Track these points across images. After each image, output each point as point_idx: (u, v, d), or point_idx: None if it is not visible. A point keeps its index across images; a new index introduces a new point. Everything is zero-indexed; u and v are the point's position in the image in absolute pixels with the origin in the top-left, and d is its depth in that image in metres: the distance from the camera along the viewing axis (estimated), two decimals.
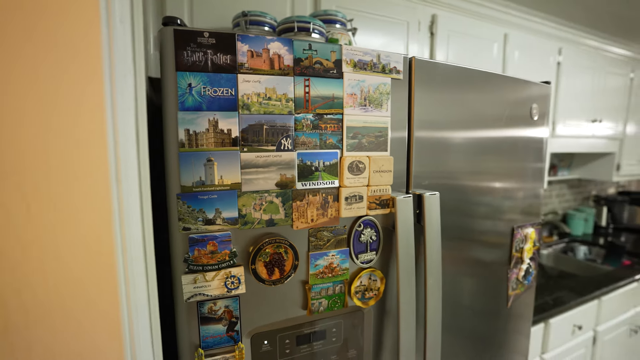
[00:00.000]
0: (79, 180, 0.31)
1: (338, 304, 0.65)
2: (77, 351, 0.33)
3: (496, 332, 0.97)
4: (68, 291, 0.32)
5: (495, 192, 0.88)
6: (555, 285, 1.77)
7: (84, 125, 0.31)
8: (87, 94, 0.30)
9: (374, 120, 0.64)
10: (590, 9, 1.97)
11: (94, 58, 0.30)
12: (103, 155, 0.32)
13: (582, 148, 2.15)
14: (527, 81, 0.90)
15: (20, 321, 0.31)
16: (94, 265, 0.33)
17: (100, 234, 0.33)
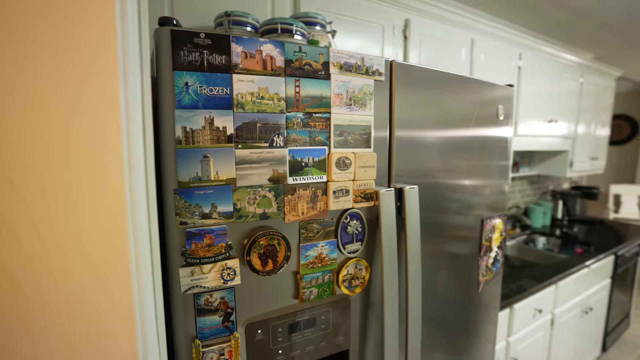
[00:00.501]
0: (95, 171, 0.33)
1: (327, 292, 0.69)
2: (93, 339, 0.34)
3: (468, 321, 1.05)
4: (85, 280, 0.33)
5: (466, 189, 0.96)
6: (518, 274, 1.90)
7: (101, 121, 0.32)
8: (105, 91, 0.32)
9: (358, 119, 0.68)
10: (546, 19, 2.13)
11: (112, 60, 0.32)
12: (118, 148, 0.33)
13: (541, 146, 2.32)
14: (494, 84, 0.98)
15: (38, 309, 0.32)
16: (108, 253, 0.34)
17: (115, 223, 0.34)
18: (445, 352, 0.99)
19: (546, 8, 1.96)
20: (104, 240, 0.34)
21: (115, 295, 0.35)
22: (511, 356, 1.74)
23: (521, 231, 2.75)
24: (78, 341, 0.34)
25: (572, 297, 2.13)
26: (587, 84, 2.54)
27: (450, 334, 0.99)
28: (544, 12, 2.02)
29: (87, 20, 0.30)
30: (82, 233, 0.33)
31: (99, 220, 0.33)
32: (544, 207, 2.88)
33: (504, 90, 1.01)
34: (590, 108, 2.64)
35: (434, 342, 0.94)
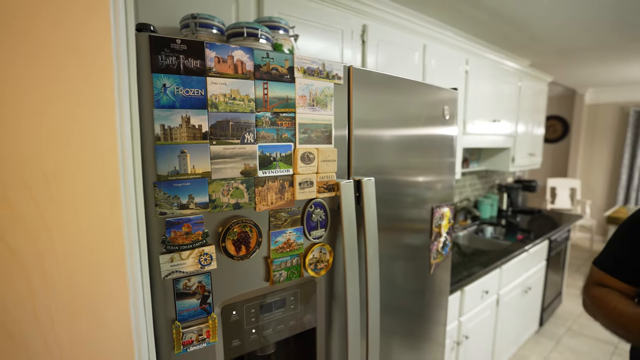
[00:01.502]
0: (94, 163, 0.37)
1: (295, 275, 0.76)
2: (93, 308, 0.39)
3: (423, 306, 1.17)
4: (85, 259, 0.38)
5: (418, 182, 1.07)
6: (470, 261, 2.08)
7: (99, 119, 0.37)
8: (102, 92, 0.37)
9: (320, 118, 0.76)
10: (488, 29, 2.35)
11: (108, 63, 0.37)
12: (113, 142, 0.38)
13: (487, 144, 2.54)
14: (440, 87, 1.10)
15: (41, 286, 0.36)
16: (105, 236, 0.39)
17: (111, 209, 0.39)
18: (403, 335, 1.10)
19: (487, 18, 2.17)
20: (101, 225, 0.39)
21: (111, 271, 0.40)
22: (463, 334, 1.91)
23: (472, 222, 2.99)
24: (79, 314, 0.39)
25: (514, 279, 2.36)
26: (524, 88, 2.82)
27: (406, 319, 1.11)
28: (485, 22, 2.23)
29: (86, 24, 0.35)
30: (81, 218, 0.37)
31: (97, 206, 0.38)
32: (491, 200, 3.15)
33: (449, 92, 1.14)
34: (527, 109, 2.93)
35: (390, 327, 1.04)
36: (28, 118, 0.34)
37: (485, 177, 3.31)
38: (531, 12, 2.04)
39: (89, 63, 0.36)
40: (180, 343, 0.64)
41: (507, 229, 2.88)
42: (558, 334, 2.87)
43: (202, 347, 0.66)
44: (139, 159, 0.46)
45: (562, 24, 2.24)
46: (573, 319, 3.09)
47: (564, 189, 4.76)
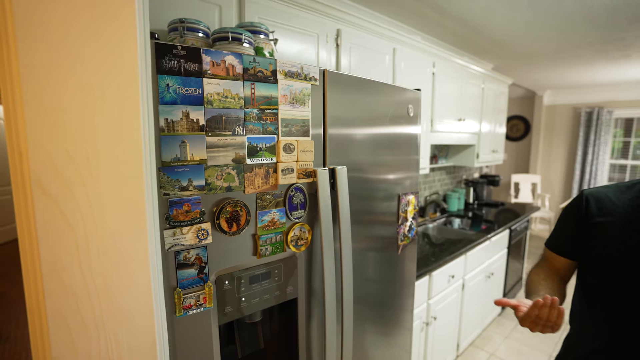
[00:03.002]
0: (125, 145, 0.47)
1: (279, 249, 0.88)
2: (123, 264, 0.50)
3: (393, 293, 1.31)
4: (116, 224, 0.48)
5: (385, 174, 1.21)
6: (439, 250, 2.26)
7: (130, 111, 0.47)
8: (131, 89, 0.47)
9: (299, 114, 0.88)
10: (452, 34, 2.54)
11: (135, 66, 0.47)
12: (138, 131, 0.49)
13: (454, 141, 2.73)
14: (405, 88, 1.25)
15: (84, 244, 0.46)
16: (132, 206, 0.49)
17: (136, 184, 0.49)
18: (373, 321, 1.24)
19: (452, 25, 2.35)
20: (129, 197, 0.49)
21: (137, 235, 0.50)
22: (431, 315, 2.08)
23: (441, 214, 3.20)
24: (112, 267, 0.49)
25: (478, 265, 2.57)
26: (487, 89, 3.05)
27: (376, 308, 1.24)
28: (451, 29, 2.42)
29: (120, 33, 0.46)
30: (114, 190, 0.48)
31: (127, 182, 0.48)
32: (458, 194, 3.37)
33: (412, 93, 1.29)
34: (490, 109, 3.16)
35: (362, 316, 1.17)
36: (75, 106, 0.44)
37: (453, 173, 3.53)
38: (491, 20, 2.24)
39: (122, 64, 0.47)
40: (181, 307, 0.74)
41: (473, 220, 3.10)
42: None
43: (199, 311, 0.77)
44: (153, 146, 0.57)
45: (519, 32, 2.46)
46: None
47: (527, 183, 5.11)
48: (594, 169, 4.69)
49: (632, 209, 0.88)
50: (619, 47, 2.74)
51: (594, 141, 4.60)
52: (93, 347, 0.50)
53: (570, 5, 1.97)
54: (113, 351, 0.52)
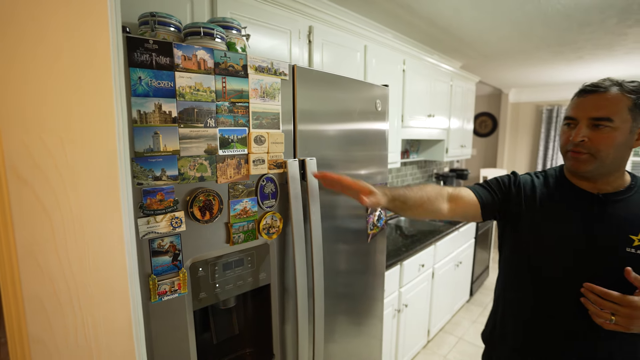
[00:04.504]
0: (100, 132, 0.50)
1: (251, 237, 0.92)
2: (100, 248, 0.52)
3: (362, 287, 1.37)
4: (91, 209, 0.51)
5: (359, 175, 1.27)
6: (410, 240, 2.36)
7: (104, 100, 0.50)
8: (106, 81, 0.50)
9: (270, 107, 0.92)
10: (421, 32, 2.64)
11: (107, 58, 0.50)
12: (112, 117, 0.51)
13: (424, 136, 2.84)
14: (372, 84, 1.31)
15: (61, 227, 0.49)
16: (106, 191, 0.52)
17: (109, 171, 0.52)
18: (344, 311, 1.30)
19: (422, 24, 2.44)
20: (103, 183, 0.52)
21: (112, 220, 0.53)
22: (403, 303, 2.17)
23: None
24: (87, 251, 0.51)
25: (447, 254, 2.70)
26: (455, 87, 3.18)
27: (348, 300, 1.30)
28: (421, 27, 2.51)
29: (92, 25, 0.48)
30: (89, 176, 0.50)
31: (100, 168, 0.51)
32: None
33: (380, 89, 1.35)
34: (458, 106, 3.30)
35: (333, 309, 1.23)
36: (50, 94, 0.46)
37: (424, 167, 3.67)
38: (459, 20, 2.35)
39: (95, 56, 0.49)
40: (156, 293, 0.77)
41: None
42: (485, 302, 3.31)
43: (174, 297, 0.80)
44: (127, 136, 0.59)
45: (485, 32, 2.59)
46: None
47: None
48: (554, 163, 4.98)
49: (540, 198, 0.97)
50: (573, 49, 2.93)
51: (554, 137, 4.89)
52: (70, 328, 0.53)
53: (529, 8, 2.10)
54: (90, 332, 0.54)
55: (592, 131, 0.82)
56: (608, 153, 0.82)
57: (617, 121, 0.80)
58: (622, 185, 0.88)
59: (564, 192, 0.94)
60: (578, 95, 0.87)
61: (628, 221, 0.85)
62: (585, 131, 0.83)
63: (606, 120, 0.80)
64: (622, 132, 0.81)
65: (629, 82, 0.82)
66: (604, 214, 0.87)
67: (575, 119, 0.85)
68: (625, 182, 0.89)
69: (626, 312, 0.76)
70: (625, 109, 0.80)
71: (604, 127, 0.81)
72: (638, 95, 0.80)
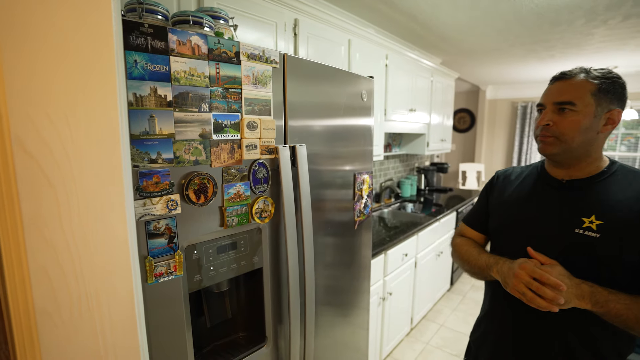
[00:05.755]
0: (102, 112, 0.52)
1: (244, 221, 0.94)
2: (103, 220, 0.54)
3: (349, 278, 1.42)
4: (95, 183, 0.52)
5: (342, 153, 1.31)
6: (393, 231, 2.42)
7: (107, 83, 0.51)
8: (109, 64, 0.51)
9: (261, 94, 0.95)
10: (403, 28, 2.70)
11: (111, 43, 0.51)
12: (114, 101, 0.53)
13: (406, 130, 2.92)
14: (358, 75, 1.35)
15: (64, 201, 0.50)
16: (109, 166, 0.54)
17: (113, 147, 0.54)
18: (332, 303, 1.34)
19: (403, 19, 2.50)
20: (107, 159, 0.53)
21: (114, 195, 0.54)
22: (387, 291, 2.23)
23: (395, 200, 3.39)
24: (91, 224, 0.53)
25: (429, 244, 2.78)
26: (435, 82, 3.27)
27: (335, 292, 1.34)
28: (402, 23, 2.58)
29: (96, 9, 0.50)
30: (93, 152, 0.52)
31: (104, 145, 0.52)
32: (411, 180, 3.59)
33: (366, 80, 1.40)
34: (438, 101, 3.40)
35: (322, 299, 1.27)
36: (56, 71, 0.48)
37: (406, 161, 3.76)
38: (439, 16, 2.42)
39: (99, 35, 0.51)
40: (153, 275, 0.78)
41: (424, 204, 3.34)
42: (464, 290, 3.43)
43: (170, 278, 0.82)
44: (126, 116, 0.60)
45: (463, 29, 2.68)
46: None
47: (472, 172, 5.53)
48: (528, 158, 5.20)
49: (512, 186, 1.02)
50: (545, 47, 3.08)
51: (528, 132, 5.10)
52: (74, 299, 0.54)
53: (505, 7, 2.20)
54: (93, 302, 0.56)
55: (557, 115, 0.85)
56: (573, 137, 0.84)
57: (579, 105, 0.82)
58: (594, 171, 0.88)
59: (534, 179, 0.99)
60: (550, 83, 0.91)
61: (585, 205, 0.86)
62: (550, 115, 0.86)
63: (568, 104, 0.83)
64: (586, 116, 0.83)
65: (597, 69, 0.85)
66: (563, 199, 0.89)
67: (544, 104, 0.89)
68: (599, 168, 0.89)
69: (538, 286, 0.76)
70: (588, 93, 0.82)
71: (567, 110, 0.84)
72: (602, 80, 0.82)
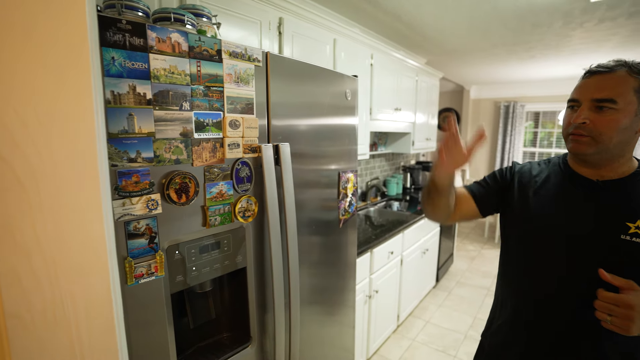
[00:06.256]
0: (76, 106, 0.50)
1: (227, 220, 0.94)
2: (78, 219, 0.53)
3: (335, 277, 1.42)
4: (68, 177, 0.51)
5: (327, 151, 1.31)
6: (380, 229, 2.44)
7: (83, 78, 0.50)
8: (82, 56, 0.50)
9: (244, 92, 0.94)
10: (388, 27, 2.72)
11: (84, 37, 0.50)
12: (89, 91, 0.52)
13: (391, 129, 2.94)
14: (342, 74, 1.35)
15: (36, 200, 0.49)
16: (84, 162, 0.53)
17: (88, 143, 0.52)
18: (318, 301, 1.34)
19: (388, 19, 2.52)
20: (82, 158, 0.52)
21: (90, 195, 0.53)
22: (373, 289, 2.25)
23: (381, 198, 3.42)
24: (65, 227, 0.51)
25: (415, 242, 2.82)
26: (420, 82, 3.31)
27: (322, 291, 1.35)
28: (387, 23, 2.59)
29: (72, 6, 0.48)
30: (67, 151, 0.51)
31: (79, 143, 0.51)
32: (397, 179, 3.63)
33: (350, 79, 1.40)
34: (424, 100, 3.44)
35: (309, 299, 1.28)
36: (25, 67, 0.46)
37: (391, 160, 3.79)
38: (423, 17, 2.45)
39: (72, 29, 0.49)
40: (133, 276, 0.77)
41: (410, 202, 3.37)
42: (450, 287, 3.49)
43: (151, 279, 0.80)
44: (102, 114, 0.59)
45: (446, 30, 2.72)
46: (461, 274, 3.77)
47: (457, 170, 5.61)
48: (511, 156, 5.32)
49: (536, 185, 0.93)
50: (526, 48, 3.15)
51: (510, 132, 5.21)
52: (48, 303, 0.53)
53: (486, 8, 2.24)
54: (68, 306, 0.54)
55: (594, 113, 0.78)
56: (611, 136, 0.77)
57: (621, 103, 0.75)
58: (627, 171, 0.82)
59: (562, 179, 0.90)
60: (583, 77, 0.82)
61: (626, 208, 0.79)
62: (587, 113, 0.78)
63: (609, 102, 0.75)
64: (627, 115, 0.75)
65: (638, 63, 0.77)
66: (600, 202, 0.82)
67: (578, 100, 0.81)
68: (631, 168, 0.83)
69: (622, 312, 0.68)
70: (631, 90, 0.75)
71: (607, 109, 0.76)
72: None
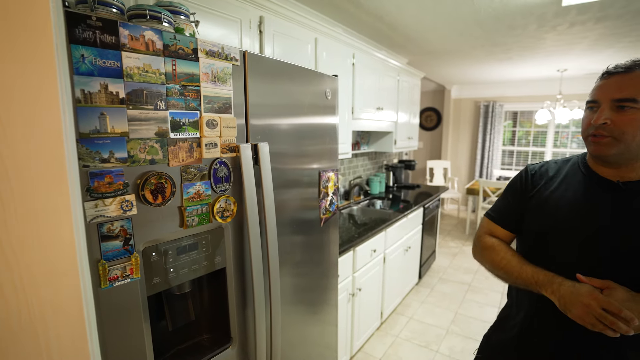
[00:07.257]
0: (41, 106, 0.49)
1: (205, 220, 0.93)
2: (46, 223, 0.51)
3: (316, 277, 1.43)
4: (38, 182, 0.49)
5: (309, 159, 1.32)
6: (363, 228, 2.45)
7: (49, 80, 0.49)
8: (47, 55, 0.49)
9: (221, 92, 0.93)
10: (369, 27, 2.74)
11: (49, 35, 0.49)
12: (56, 93, 0.50)
13: (374, 128, 2.96)
14: (322, 73, 1.36)
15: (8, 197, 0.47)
16: (52, 165, 0.51)
17: (55, 145, 0.51)
18: (302, 301, 1.35)
19: (370, 19, 2.54)
20: (49, 160, 0.51)
21: (57, 196, 0.52)
22: (357, 287, 2.26)
23: (364, 197, 3.45)
24: (31, 230, 0.50)
25: (397, 240, 2.85)
26: (402, 82, 3.35)
27: (304, 289, 1.35)
28: (369, 23, 2.61)
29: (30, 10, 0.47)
30: (33, 152, 0.49)
31: (45, 144, 0.50)
32: (379, 178, 3.66)
33: (330, 78, 1.41)
34: (405, 100, 3.49)
35: (292, 298, 1.28)
36: None
37: (374, 158, 3.82)
38: (404, 17, 2.48)
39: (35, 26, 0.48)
40: (107, 279, 0.75)
41: (393, 201, 3.41)
42: (432, 283, 3.55)
43: (126, 282, 0.79)
44: (71, 114, 0.57)
45: (427, 30, 2.76)
46: (443, 270, 3.85)
47: (439, 168, 5.73)
48: (491, 155, 5.45)
49: (554, 186, 0.92)
50: (503, 49, 3.24)
51: (490, 131, 5.34)
52: (12, 310, 0.51)
53: (465, 10, 2.28)
54: (35, 313, 0.53)
55: (615, 113, 0.77)
56: (634, 136, 0.75)
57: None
58: None
59: (581, 179, 0.89)
60: (601, 78, 0.81)
61: None
62: (608, 113, 0.77)
63: (630, 101, 0.75)
64: None
65: None
66: (621, 203, 0.81)
67: (598, 101, 0.80)
68: None
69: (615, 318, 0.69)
70: None
71: (628, 108, 0.75)
72: None
